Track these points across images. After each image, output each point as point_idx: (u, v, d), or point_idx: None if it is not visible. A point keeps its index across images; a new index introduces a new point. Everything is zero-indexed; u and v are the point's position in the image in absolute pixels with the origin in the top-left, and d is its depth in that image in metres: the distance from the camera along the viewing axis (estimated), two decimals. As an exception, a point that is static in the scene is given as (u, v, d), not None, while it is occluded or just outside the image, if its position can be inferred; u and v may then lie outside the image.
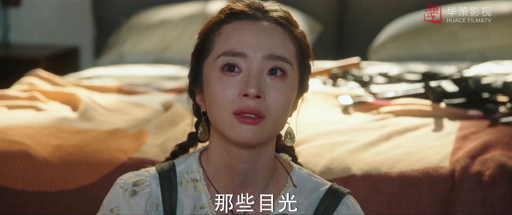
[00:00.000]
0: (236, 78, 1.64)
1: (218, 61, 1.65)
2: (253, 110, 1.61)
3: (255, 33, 1.66)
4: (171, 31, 4.39)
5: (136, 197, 1.69)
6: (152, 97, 3.22)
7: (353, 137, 2.56)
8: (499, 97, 2.91)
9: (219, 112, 1.64)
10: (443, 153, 2.41)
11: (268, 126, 1.64)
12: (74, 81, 3.58)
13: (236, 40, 1.65)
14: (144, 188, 1.71)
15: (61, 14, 5.22)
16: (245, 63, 1.64)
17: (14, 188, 2.39)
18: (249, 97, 1.62)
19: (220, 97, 1.64)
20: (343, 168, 2.36)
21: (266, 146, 1.70)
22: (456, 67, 3.57)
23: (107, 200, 1.71)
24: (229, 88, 1.63)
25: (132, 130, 2.66)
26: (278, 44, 1.66)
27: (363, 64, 3.71)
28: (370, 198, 2.30)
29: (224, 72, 1.64)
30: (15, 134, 2.55)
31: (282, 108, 1.65)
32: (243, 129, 1.62)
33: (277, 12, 1.69)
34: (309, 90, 1.75)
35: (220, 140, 1.69)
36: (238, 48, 1.64)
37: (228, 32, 1.67)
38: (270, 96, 1.63)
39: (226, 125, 1.64)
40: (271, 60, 1.64)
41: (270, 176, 1.73)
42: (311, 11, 4.58)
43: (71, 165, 2.42)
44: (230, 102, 1.63)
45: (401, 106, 2.90)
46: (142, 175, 1.73)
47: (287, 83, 1.65)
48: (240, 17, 1.68)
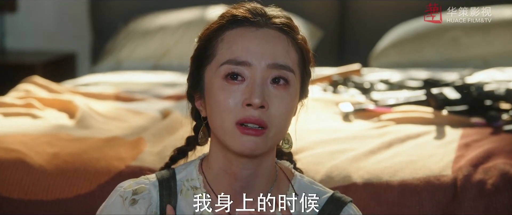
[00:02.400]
0: (240, 87, 1.63)
1: (221, 69, 1.65)
2: (256, 120, 1.61)
3: (259, 41, 1.65)
4: (170, 37, 4.39)
5: (135, 206, 1.69)
6: (150, 105, 3.21)
7: (354, 145, 2.55)
8: (502, 104, 2.90)
9: (222, 120, 1.63)
10: (445, 161, 2.40)
11: (271, 136, 1.64)
12: (71, 88, 3.57)
13: (240, 47, 1.65)
14: (144, 196, 1.70)
15: (58, 19, 5.22)
16: (249, 71, 1.64)
17: (10, 196, 2.38)
18: (252, 107, 1.61)
19: (222, 105, 1.63)
20: (344, 176, 2.35)
21: (267, 153, 1.69)
22: (458, 74, 3.57)
23: (106, 208, 1.71)
24: (232, 97, 1.63)
25: (130, 138, 2.65)
26: (281, 52, 1.66)
27: (364, 71, 3.70)
28: (371, 206, 2.29)
29: (227, 80, 1.64)
30: (11, 142, 2.55)
31: (285, 118, 1.65)
32: (245, 140, 1.62)
33: (279, 18, 1.69)
34: (309, 97, 1.75)
35: (220, 146, 1.69)
36: (242, 57, 1.64)
37: (231, 39, 1.66)
38: (273, 106, 1.63)
39: (228, 135, 1.63)
40: (275, 69, 1.64)
41: (272, 183, 1.73)
42: (312, 16, 4.59)
43: (67, 173, 2.41)
44: (233, 112, 1.62)
45: (402, 113, 2.89)
46: (142, 182, 1.72)
47: (290, 92, 1.65)
48: (242, 23, 1.67)
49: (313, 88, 3.37)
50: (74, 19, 5.19)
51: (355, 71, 3.59)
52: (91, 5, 4.97)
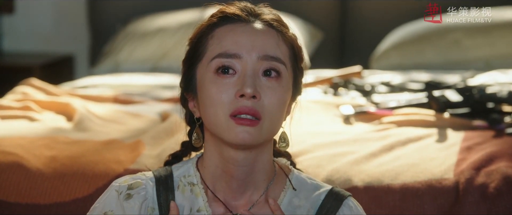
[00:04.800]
0: (231, 80, 1.66)
1: (212, 64, 1.67)
2: (250, 109, 1.63)
3: (249, 35, 1.68)
4: (169, 39, 4.38)
5: (130, 201, 1.70)
6: (149, 107, 3.21)
7: (355, 148, 2.54)
8: (505, 107, 2.90)
9: (215, 114, 1.65)
10: (447, 164, 2.39)
11: (265, 127, 1.65)
12: (69, 90, 3.57)
13: (230, 41, 1.67)
14: (139, 191, 1.72)
15: (56, 21, 5.21)
16: (239, 64, 1.66)
17: (7, 200, 2.38)
18: (245, 98, 1.63)
19: (215, 99, 1.65)
20: (344, 180, 2.34)
21: (262, 149, 1.71)
22: (460, 76, 3.58)
23: (101, 203, 1.72)
24: (225, 90, 1.65)
25: (128, 141, 2.65)
26: (272, 45, 1.68)
27: (365, 73, 3.70)
28: (372, 210, 2.28)
29: (219, 74, 1.66)
30: (8, 145, 2.54)
31: (278, 109, 1.67)
32: (240, 130, 1.63)
33: (268, 15, 1.72)
34: (309, 100, 1.76)
35: (216, 144, 1.70)
36: (232, 50, 1.66)
37: (221, 34, 1.69)
38: (265, 97, 1.65)
39: (222, 127, 1.65)
40: (266, 61, 1.66)
41: (269, 180, 1.74)
42: (312, 18, 4.57)
43: (65, 177, 2.41)
44: (226, 104, 1.64)
45: (403, 116, 2.88)
46: (138, 178, 1.74)
47: (282, 84, 1.67)
48: (232, 20, 1.70)
49: (314, 90, 3.39)
50: (72, 21, 5.19)
51: (356, 74, 3.59)
52: (89, 7, 4.96)
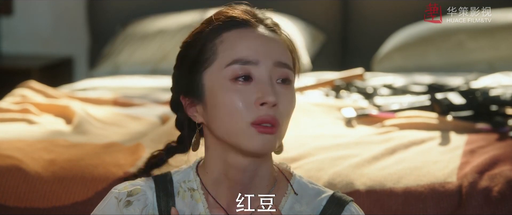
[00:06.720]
0: (249, 87, 1.64)
1: (227, 70, 1.64)
2: (272, 118, 1.62)
3: (262, 41, 1.67)
4: (169, 41, 4.38)
5: (130, 208, 1.70)
6: (148, 110, 3.20)
7: (357, 151, 2.54)
8: (508, 110, 2.89)
9: (235, 122, 1.63)
10: (450, 167, 2.38)
11: (281, 134, 1.66)
12: (68, 93, 3.56)
13: (245, 47, 1.65)
14: (139, 197, 1.71)
15: (55, 23, 5.22)
16: (256, 71, 1.64)
17: (5, 204, 2.37)
18: (267, 106, 1.62)
19: (233, 107, 1.63)
20: (346, 183, 2.34)
21: (267, 155, 1.70)
22: (463, 78, 3.58)
23: (100, 211, 1.71)
24: (244, 98, 1.63)
25: (128, 144, 2.65)
26: (282, 51, 1.68)
27: (367, 75, 3.70)
28: (375, 214, 2.28)
29: (235, 81, 1.64)
30: (6, 148, 2.54)
31: (290, 115, 1.68)
32: (261, 138, 1.62)
33: (269, 19, 1.71)
34: (311, 102, 1.75)
35: (220, 150, 1.69)
36: (250, 56, 1.64)
37: (232, 39, 1.66)
38: (281, 104, 1.65)
39: (242, 136, 1.63)
40: (279, 68, 1.66)
41: (271, 185, 1.73)
42: (314, 20, 4.58)
43: (64, 180, 2.41)
44: (246, 112, 1.62)
45: (406, 119, 2.88)
46: (137, 184, 1.73)
47: (292, 90, 1.69)
48: (239, 24, 1.68)
49: (315, 93, 3.39)
50: (71, 23, 5.19)
51: (358, 76, 3.59)
52: (88, 8, 4.97)
